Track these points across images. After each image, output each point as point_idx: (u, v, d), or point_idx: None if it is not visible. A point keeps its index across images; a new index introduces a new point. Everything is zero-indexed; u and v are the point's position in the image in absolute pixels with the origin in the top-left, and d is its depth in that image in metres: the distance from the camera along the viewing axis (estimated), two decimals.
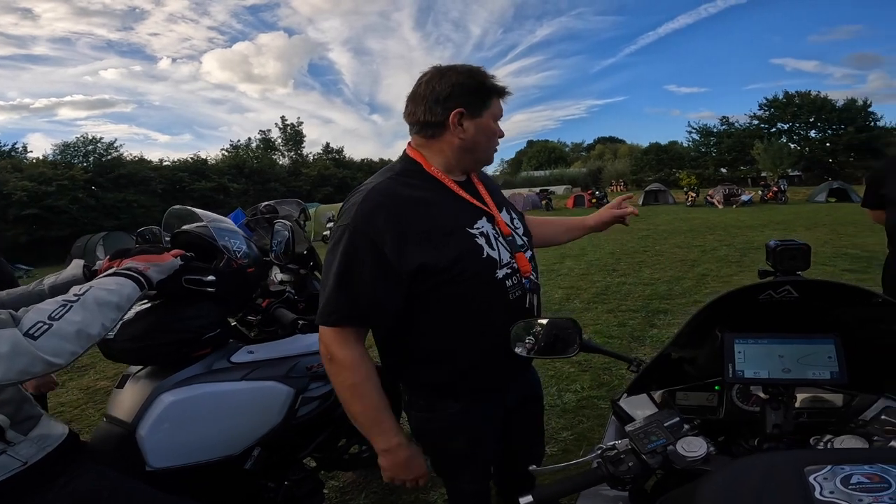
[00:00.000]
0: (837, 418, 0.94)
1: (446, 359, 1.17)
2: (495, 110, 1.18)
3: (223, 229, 1.56)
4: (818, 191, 22.40)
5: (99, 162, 32.49)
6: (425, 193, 1.13)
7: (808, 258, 0.95)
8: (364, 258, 1.05)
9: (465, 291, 1.11)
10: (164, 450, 1.33)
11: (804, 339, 0.85)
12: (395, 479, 1.18)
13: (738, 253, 8.23)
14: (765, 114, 48.68)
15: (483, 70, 1.17)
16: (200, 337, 1.44)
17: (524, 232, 1.30)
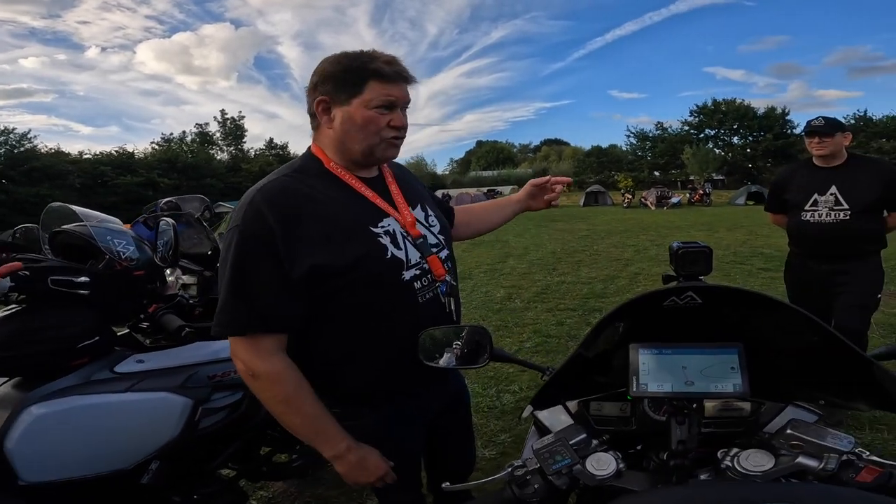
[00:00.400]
0: (745, 428, 0.93)
1: (354, 365, 1.12)
2: (371, 96, 1.04)
3: (106, 229, 1.44)
4: (738, 194, 24.24)
5: (10, 154, 29.59)
6: (323, 191, 1.06)
7: (709, 262, 0.92)
8: (256, 262, 0.98)
9: (368, 294, 1.06)
10: (36, 464, 1.25)
11: (707, 349, 0.83)
12: (356, 483, 1.13)
13: (667, 253, 8.68)
14: (695, 120, 52.12)
15: (362, 53, 1.06)
16: (74, 346, 1.31)
17: (441, 229, 1.23)
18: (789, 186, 2.65)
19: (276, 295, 0.99)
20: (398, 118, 1.08)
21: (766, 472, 0.72)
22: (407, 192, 1.20)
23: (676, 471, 0.79)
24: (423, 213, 1.21)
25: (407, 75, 1.08)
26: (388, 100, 1.05)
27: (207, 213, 2.12)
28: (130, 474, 1.39)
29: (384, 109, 1.05)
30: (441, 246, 1.20)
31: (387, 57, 1.07)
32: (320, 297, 1.03)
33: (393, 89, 1.05)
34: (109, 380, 1.38)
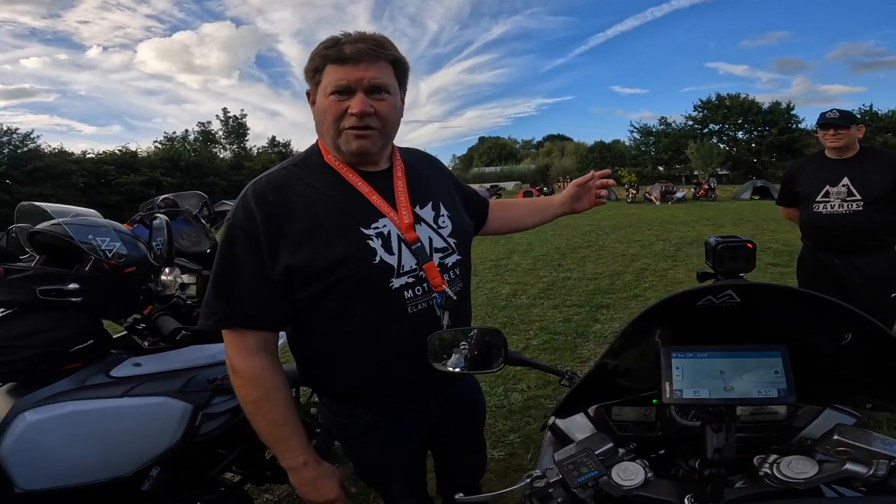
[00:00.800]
0: (779, 433, 0.89)
1: (344, 368, 1.07)
2: (328, 81, 0.94)
3: (85, 226, 1.36)
4: (743, 189, 24.07)
5: (14, 154, 29.71)
6: (318, 187, 1.00)
7: (752, 258, 0.86)
8: (242, 257, 0.95)
9: (352, 300, 0.99)
10: (31, 471, 1.22)
11: (748, 352, 0.77)
12: (305, 498, 1.10)
13: (673, 248, 8.60)
14: (698, 115, 51.89)
15: (331, 37, 0.96)
16: (66, 349, 1.27)
17: (453, 231, 1.12)
18: (800, 179, 2.63)
19: (257, 292, 0.96)
20: (358, 102, 0.94)
21: (810, 480, 0.68)
22: (420, 187, 1.10)
23: (711, 480, 0.74)
24: (434, 213, 1.10)
25: (377, 51, 0.94)
26: (341, 83, 0.93)
27: (206, 210, 2.06)
28: (130, 481, 1.35)
29: (340, 95, 0.94)
30: (450, 250, 1.10)
31: (356, 35, 0.96)
32: (306, 298, 0.99)
33: (349, 71, 0.93)
34: (105, 384, 1.33)
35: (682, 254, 7.90)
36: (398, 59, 1.00)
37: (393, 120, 1.01)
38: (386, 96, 0.97)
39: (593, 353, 3.84)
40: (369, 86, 0.95)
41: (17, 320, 1.25)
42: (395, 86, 1.00)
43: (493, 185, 32.63)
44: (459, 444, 1.35)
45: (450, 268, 1.08)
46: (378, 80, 0.95)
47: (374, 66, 0.95)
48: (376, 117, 0.97)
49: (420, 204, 1.08)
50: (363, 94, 0.94)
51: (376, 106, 0.96)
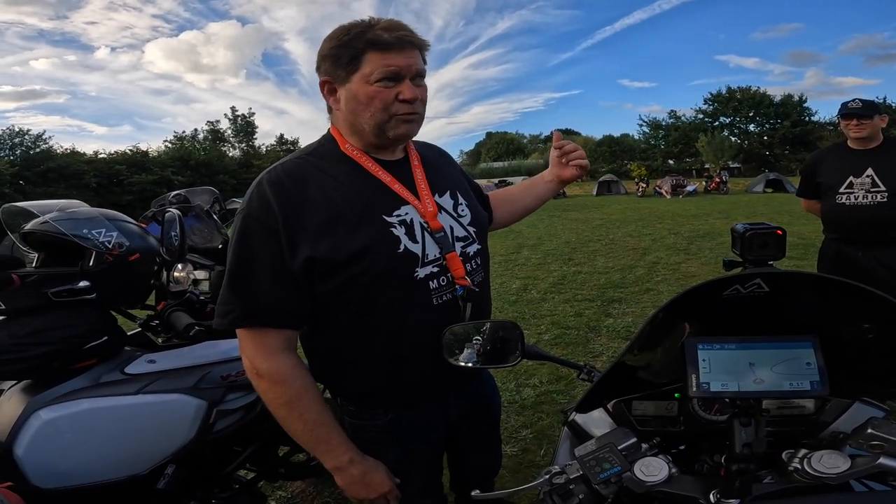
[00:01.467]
0: (808, 427, 0.86)
1: (364, 366, 1.03)
2: (373, 68, 0.92)
3: (75, 220, 1.32)
4: (756, 181, 23.72)
5: (26, 155, 30.11)
6: (335, 175, 0.97)
7: (782, 245, 0.83)
8: (259, 250, 0.91)
9: (377, 291, 0.96)
10: (47, 470, 1.20)
11: (778, 343, 0.74)
12: (357, 498, 1.05)
13: (685, 241, 8.52)
14: (709, 108, 51.14)
15: (359, 23, 0.95)
16: (79, 347, 1.25)
17: (472, 220, 1.10)
18: (822, 170, 2.58)
19: (276, 287, 0.91)
20: (408, 89, 0.93)
21: (842, 474, 0.66)
22: (436, 177, 1.08)
23: (740, 476, 0.72)
24: (453, 202, 1.08)
25: (414, 40, 0.94)
26: (390, 70, 0.92)
27: (217, 206, 2.05)
28: (146, 480, 1.34)
29: (388, 82, 0.93)
30: (470, 239, 1.08)
31: (386, 22, 0.94)
32: (326, 293, 0.95)
33: (395, 58, 0.92)
34: (120, 381, 1.32)
35: (694, 247, 7.82)
36: (427, 46, 1.00)
37: (425, 105, 1.02)
38: (423, 82, 0.99)
39: (606, 347, 3.81)
40: (415, 72, 0.95)
41: (30, 318, 1.24)
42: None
43: (502, 180, 32.49)
44: (475, 441, 1.32)
45: (472, 257, 1.06)
46: (420, 67, 0.97)
47: (415, 54, 0.95)
48: (420, 103, 0.98)
49: (439, 192, 1.06)
50: (410, 80, 0.95)
51: (419, 92, 0.97)
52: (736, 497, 0.71)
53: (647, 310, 4.70)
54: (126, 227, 1.39)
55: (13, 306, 1.24)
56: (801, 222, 10.27)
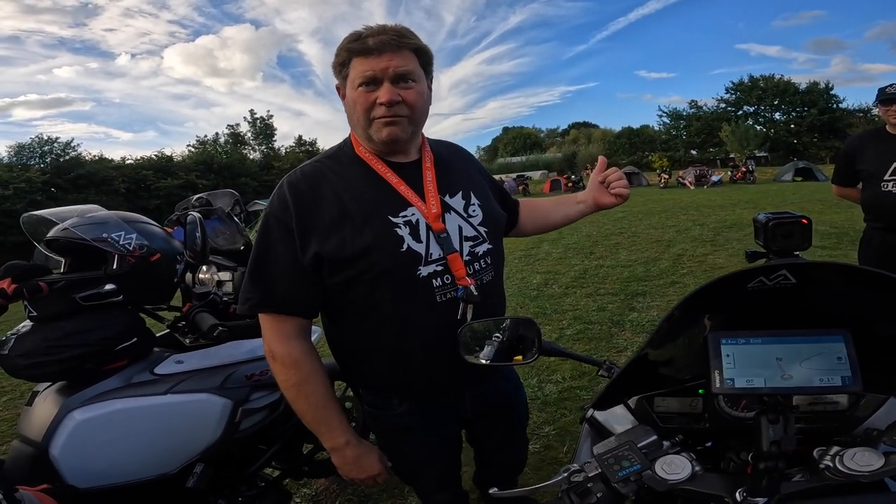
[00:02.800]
0: (840, 423, 0.82)
1: (374, 359, 1.09)
2: (355, 73, 0.97)
3: (94, 224, 1.35)
4: (784, 170, 23.04)
5: (56, 163, 31.19)
6: (348, 178, 1.03)
7: (808, 234, 0.80)
8: (276, 244, 1.00)
9: (381, 288, 1.00)
10: (81, 470, 1.23)
11: (807, 337, 0.70)
12: (348, 477, 1.14)
13: (711, 232, 8.30)
14: (731, 97, 49.92)
15: (354, 32, 0.99)
16: (111, 348, 1.29)
17: (483, 220, 1.10)
18: (862, 156, 2.47)
19: (290, 279, 0.99)
20: (385, 91, 0.96)
21: (875, 472, 0.64)
22: (449, 177, 1.10)
23: (768, 474, 0.69)
24: (464, 202, 1.10)
25: (401, 42, 0.97)
26: (367, 75, 0.96)
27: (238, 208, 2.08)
28: (175, 478, 1.36)
29: (368, 86, 0.97)
30: (480, 239, 1.09)
31: (378, 28, 0.98)
32: (336, 286, 1.01)
33: (374, 62, 0.96)
34: (150, 382, 1.35)
35: (721, 238, 7.61)
36: (420, 48, 1.01)
37: (420, 107, 1.02)
38: (412, 84, 0.99)
39: (630, 342, 3.74)
40: (394, 75, 0.96)
41: (64, 321, 1.28)
42: (421, 73, 1.02)
43: (520, 175, 32.27)
44: (495, 440, 1.33)
45: (481, 256, 1.08)
46: (402, 68, 0.97)
47: (397, 56, 0.97)
48: (405, 105, 0.99)
49: (450, 193, 1.09)
50: (389, 83, 0.97)
51: (403, 94, 0.98)
52: (763, 496, 0.69)
53: (672, 303, 4.58)
54: (144, 228, 1.41)
55: (44, 312, 1.27)
56: (833, 210, 9.92)
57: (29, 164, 30.28)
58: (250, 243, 1.90)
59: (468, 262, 1.05)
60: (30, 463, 1.23)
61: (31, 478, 1.17)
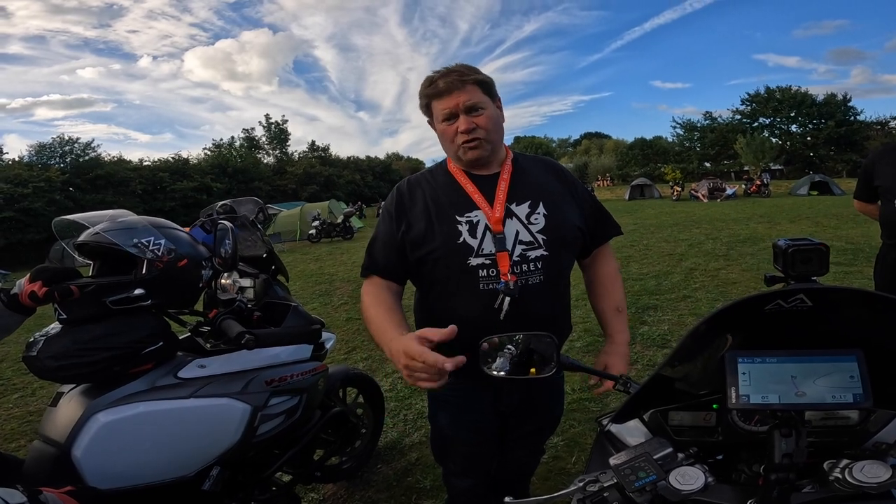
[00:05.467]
0: (850, 437, 0.85)
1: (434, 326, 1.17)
2: (437, 112, 1.24)
3: (124, 229, 1.37)
4: (800, 184, 22.76)
5: (76, 163, 31.60)
6: (438, 185, 1.30)
7: (825, 261, 0.83)
8: (382, 226, 1.31)
9: (440, 269, 1.23)
10: (103, 471, 1.25)
11: (821, 356, 0.73)
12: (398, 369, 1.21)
13: (724, 247, 8.22)
14: (747, 108, 49.39)
15: (427, 78, 1.24)
16: (139, 351, 1.31)
17: (544, 229, 1.24)
18: (881, 171, 2.36)
19: (386, 249, 1.28)
20: (462, 123, 1.20)
21: (883, 483, 0.66)
22: (521, 188, 1.27)
23: (779, 485, 0.71)
24: (528, 210, 1.25)
25: (462, 79, 1.19)
26: (445, 112, 1.21)
27: (261, 216, 2.12)
28: (192, 481, 1.38)
29: (449, 121, 1.22)
30: (535, 245, 1.22)
31: (443, 71, 1.22)
32: (414, 263, 1.26)
33: (447, 101, 1.20)
34: (173, 385, 1.37)
35: (734, 253, 7.54)
36: (481, 80, 1.23)
37: (493, 127, 1.24)
38: (481, 111, 1.22)
39: (640, 355, 3.73)
40: (465, 107, 1.20)
41: (93, 324, 1.30)
42: (487, 100, 1.23)
43: None
44: (516, 437, 1.45)
45: (531, 260, 1.21)
46: (470, 101, 1.20)
47: (464, 92, 1.19)
48: (480, 129, 1.22)
49: (517, 201, 1.25)
50: (464, 115, 1.20)
51: (476, 121, 1.21)
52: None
53: (683, 317, 4.57)
54: (172, 233, 1.44)
55: (74, 315, 1.29)
56: (849, 226, 9.78)
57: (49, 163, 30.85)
58: (272, 251, 1.95)
59: (516, 263, 1.20)
60: (51, 463, 1.24)
61: (52, 478, 1.18)
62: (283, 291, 1.87)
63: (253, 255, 1.90)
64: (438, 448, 1.50)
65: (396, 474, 2.46)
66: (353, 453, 2.43)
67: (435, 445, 1.50)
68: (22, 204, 24.79)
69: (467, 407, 1.35)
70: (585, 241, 1.36)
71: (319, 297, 6.93)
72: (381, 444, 2.70)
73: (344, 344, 4.57)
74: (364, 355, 4.22)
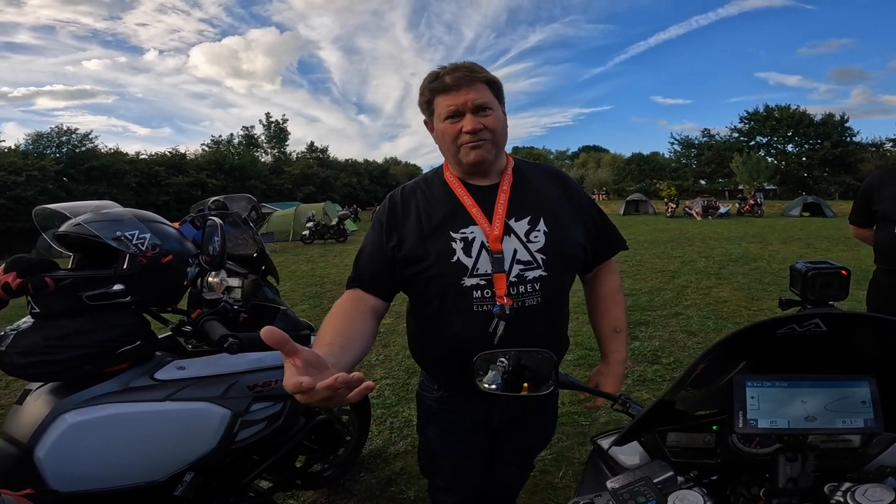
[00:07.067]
0: (852, 460, 0.83)
1: (424, 343, 1.27)
2: (441, 109, 1.14)
3: (108, 221, 1.30)
4: (793, 205, 23.01)
5: (72, 153, 31.36)
6: (432, 196, 1.21)
7: (846, 286, 0.81)
8: (371, 237, 1.22)
9: (431, 288, 1.16)
10: (66, 474, 1.18)
11: (832, 381, 0.72)
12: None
13: (716, 265, 8.27)
14: (745, 127, 50.00)
15: (431, 73, 1.15)
16: (113, 351, 1.25)
17: (544, 248, 1.15)
18: (880, 196, 2.29)
19: (372, 262, 1.19)
20: (469, 122, 1.11)
21: None
22: (521, 201, 1.18)
23: None
24: (528, 227, 1.16)
25: (473, 76, 1.11)
26: (451, 109, 1.12)
27: (254, 214, 2.06)
28: (163, 487, 1.32)
29: (453, 118, 1.12)
30: (534, 265, 1.14)
31: (452, 67, 1.13)
32: (405, 279, 1.18)
33: (454, 98, 1.11)
34: (149, 387, 1.31)
35: (726, 271, 7.58)
36: (491, 80, 1.15)
37: (500, 131, 1.16)
38: (490, 112, 1.13)
39: (631, 370, 3.71)
40: (473, 106, 1.11)
41: (67, 319, 1.23)
42: (495, 101, 1.15)
43: None
44: (507, 453, 1.42)
45: (528, 281, 1.13)
46: (479, 100, 1.12)
47: (473, 89, 1.11)
48: (486, 130, 1.13)
49: (516, 217, 1.17)
50: (471, 114, 1.11)
51: (483, 121, 1.12)
52: None
53: (674, 334, 4.57)
54: (159, 228, 1.37)
55: (48, 309, 1.23)
56: (840, 248, 9.87)
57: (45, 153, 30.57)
58: (263, 251, 1.90)
59: (513, 284, 1.12)
60: (12, 464, 1.18)
61: (12, 480, 1.13)
62: (273, 293, 1.82)
63: (243, 254, 1.84)
64: (426, 462, 1.44)
65: (379, 483, 2.41)
66: (336, 461, 2.38)
67: (422, 459, 1.45)
68: (14, 192, 24.54)
69: (458, 421, 1.30)
70: (587, 257, 1.27)
71: (309, 299, 6.87)
72: (366, 452, 2.65)
73: None
74: None
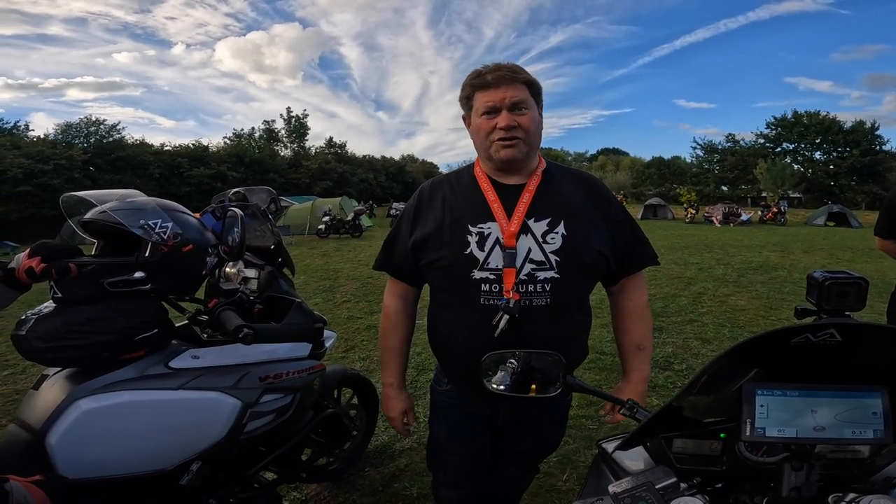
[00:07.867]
0: (860, 470, 0.82)
1: (437, 334, 1.31)
2: (479, 105, 1.17)
3: (132, 210, 1.31)
4: (817, 214, 22.46)
5: (100, 144, 32.12)
6: (458, 190, 1.26)
7: (863, 296, 0.80)
8: (400, 225, 1.32)
9: (444, 279, 1.22)
10: (76, 460, 1.19)
11: (845, 392, 0.71)
12: (383, 411, 1.48)
13: (735, 273, 8.11)
14: (771, 132, 48.90)
15: (474, 70, 1.19)
16: (131, 338, 1.26)
17: (559, 250, 1.15)
18: None
19: (401, 250, 1.30)
20: (503, 118, 1.14)
21: None
22: (545, 203, 1.19)
23: None
24: (546, 228, 1.17)
25: (512, 76, 1.14)
26: (488, 105, 1.15)
27: (273, 206, 2.08)
28: (170, 475, 1.33)
29: (490, 115, 1.16)
30: (546, 266, 1.15)
31: (493, 66, 1.17)
32: (424, 267, 1.26)
33: (492, 95, 1.14)
34: (163, 375, 1.32)
35: (745, 280, 7.43)
36: (530, 81, 1.18)
37: (533, 130, 1.18)
38: (525, 111, 1.16)
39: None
40: (510, 104, 1.14)
41: (87, 306, 1.24)
42: (532, 102, 1.18)
43: None
44: (511, 454, 1.42)
45: (539, 281, 1.15)
46: (517, 98, 1.15)
47: (512, 88, 1.14)
48: (520, 129, 1.16)
49: (536, 217, 1.18)
50: (507, 111, 1.15)
51: (518, 119, 1.15)
52: None
53: (688, 341, 4.51)
54: (181, 217, 1.39)
55: (70, 294, 1.24)
56: (864, 259, 9.60)
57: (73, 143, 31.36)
58: (281, 243, 1.91)
59: (522, 282, 1.14)
60: (23, 449, 1.18)
61: (23, 465, 1.13)
62: (288, 286, 1.82)
63: (261, 245, 1.86)
64: (432, 454, 1.48)
65: (383, 479, 2.43)
66: (342, 455, 2.39)
67: (430, 451, 1.49)
68: (41, 180, 25.22)
69: (465, 416, 1.33)
70: (610, 267, 1.24)
71: (323, 293, 6.94)
72: (371, 447, 2.67)
73: (343, 342, 4.56)
74: (362, 355, 4.20)
